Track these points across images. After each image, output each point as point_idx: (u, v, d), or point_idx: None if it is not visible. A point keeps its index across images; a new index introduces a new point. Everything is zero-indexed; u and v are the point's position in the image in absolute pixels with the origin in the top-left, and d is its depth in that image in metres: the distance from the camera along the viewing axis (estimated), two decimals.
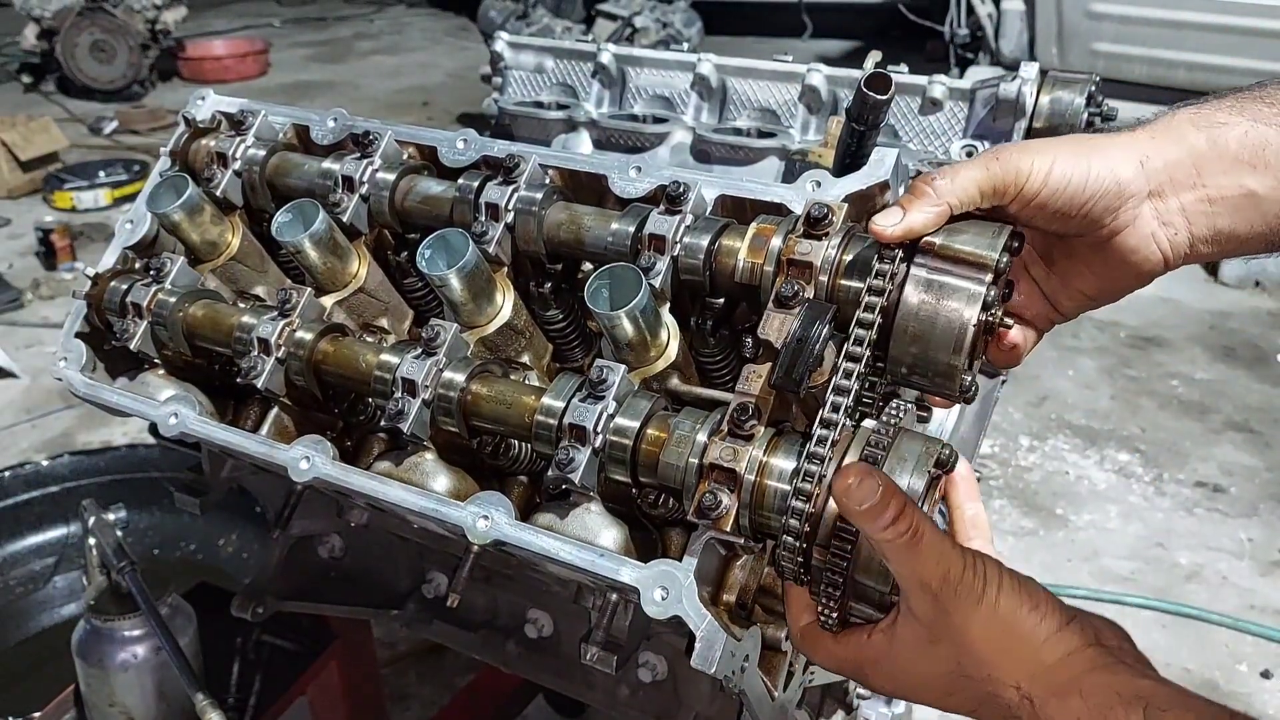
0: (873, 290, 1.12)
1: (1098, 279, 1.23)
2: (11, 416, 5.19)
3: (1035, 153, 1.13)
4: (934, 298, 1.10)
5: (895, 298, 1.12)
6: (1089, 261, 1.22)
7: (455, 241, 1.36)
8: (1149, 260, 1.20)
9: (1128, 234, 1.17)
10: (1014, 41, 7.18)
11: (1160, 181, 1.16)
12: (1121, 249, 1.18)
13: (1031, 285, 1.28)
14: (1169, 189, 1.16)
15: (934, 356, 1.11)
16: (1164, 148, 1.16)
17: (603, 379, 1.22)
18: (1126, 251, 1.19)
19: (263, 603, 2.05)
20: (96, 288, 1.61)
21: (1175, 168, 1.16)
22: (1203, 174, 1.16)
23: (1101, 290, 1.25)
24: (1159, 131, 1.18)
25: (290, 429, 1.51)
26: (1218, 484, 4.61)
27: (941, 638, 1.03)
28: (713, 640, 1.14)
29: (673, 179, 1.33)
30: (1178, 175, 1.16)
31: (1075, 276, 1.25)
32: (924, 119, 2.48)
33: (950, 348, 1.10)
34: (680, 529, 1.34)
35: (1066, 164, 1.12)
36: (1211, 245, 1.20)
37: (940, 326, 1.10)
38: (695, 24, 10.93)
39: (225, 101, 1.74)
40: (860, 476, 1.01)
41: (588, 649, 1.39)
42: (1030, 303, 1.29)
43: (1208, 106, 1.19)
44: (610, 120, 2.77)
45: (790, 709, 1.46)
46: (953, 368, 1.10)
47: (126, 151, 9.03)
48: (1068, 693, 0.97)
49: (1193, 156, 1.16)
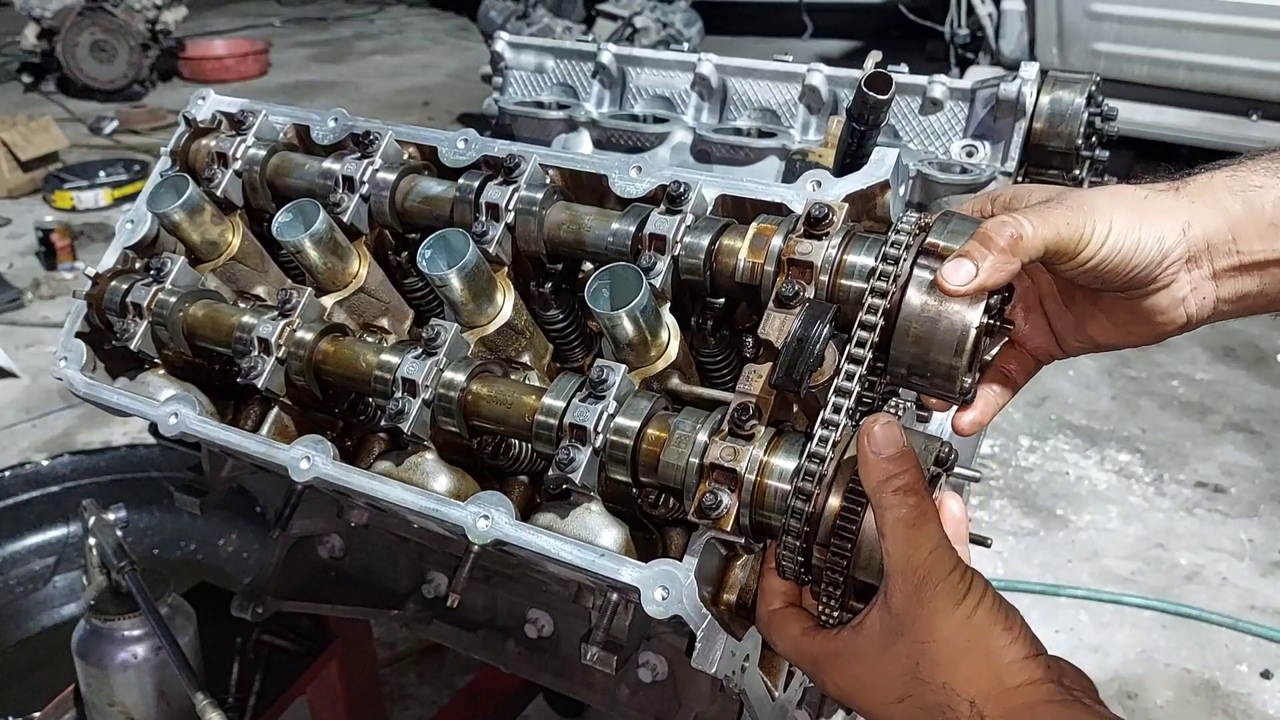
0: (876, 292, 1.12)
1: (1115, 330, 1.23)
2: (11, 416, 5.19)
3: (1097, 216, 1.11)
4: (937, 300, 1.10)
5: (898, 299, 1.11)
6: (1111, 312, 1.22)
7: (456, 241, 1.36)
8: (1173, 321, 1.20)
9: (1159, 296, 1.17)
10: (1014, 41, 7.17)
11: (1198, 250, 1.16)
12: (1148, 308, 1.19)
13: (1041, 319, 1.28)
14: (1205, 256, 1.17)
15: (935, 358, 1.10)
16: (1203, 214, 1.16)
17: (603, 379, 1.22)
18: (1153, 311, 1.19)
19: (262, 602, 2.05)
20: (97, 288, 1.61)
21: (1214, 235, 1.16)
22: (1238, 240, 1.16)
23: (1114, 340, 1.25)
24: (1198, 196, 1.17)
25: (290, 429, 1.51)
26: (1218, 484, 4.61)
27: (906, 632, 1.00)
28: (713, 640, 1.14)
29: (673, 179, 1.33)
30: (1215, 242, 1.16)
31: (1092, 322, 1.24)
32: (924, 119, 2.48)
33: (952, 350, 1.09)
34: (681, 529, 1.34)
35: (1120, 231, 1.11)
36: (1236, 305, 1.20)
37: (942, 328, 1.09)
38: (695, 24, 10.93)
39: (225, 101, 1.74)
40: (885, 424, 1.00)
41: (588, 649, 1.39)
42: (1034, 334, 1.28)
43: (1243, 169, 1.19)
44: (610, 120, 2.77)
45: (790, 709, 1.46)
46: (953, 370, 1.10)
47: (126, 151, 9.03)
48: (1022, 718, 0.95)
49: (1230, 223, 1.16)
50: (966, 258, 1.08)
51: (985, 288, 1.08)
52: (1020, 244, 1.08)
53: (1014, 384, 1.30)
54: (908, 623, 1.00)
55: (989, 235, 1.08)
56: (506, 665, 2.00)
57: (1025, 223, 1.09)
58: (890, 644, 1.02)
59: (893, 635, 1.01)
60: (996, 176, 2.28)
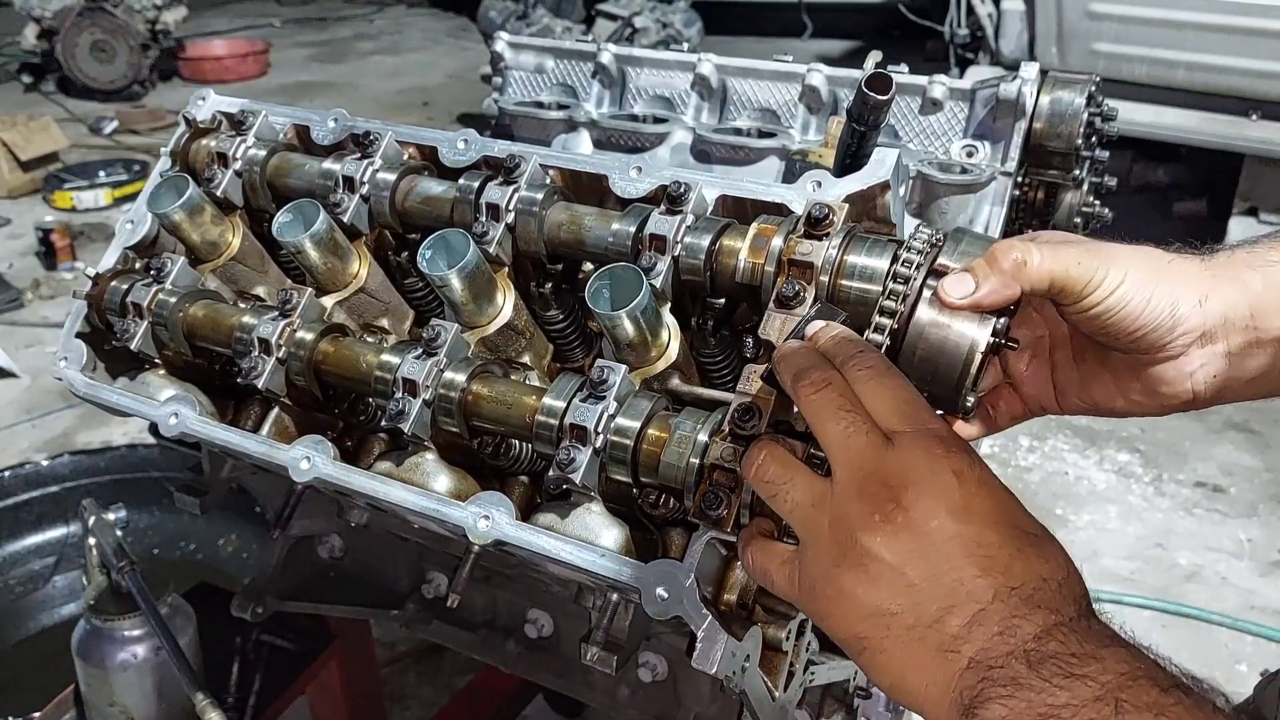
0: (885, 311, 1.12)
1: (1119, 396, 1.22)
2: (12, 416, 5.19)
3: (1113, 264, 1.10)
4: (946, 318, 1.10)
5: (907, 316, 1.12)
6: (1118, 376, 1.21)
7: (456, 242, 1.36)
8: (1178, 396, 1.18)
9: (1166, 366, 1.16)
10: (1014, 41, 7.17)
11: (1214, 325, 1.14)
12: (1155, 377, 1.17)
13: (1044, 367, 1.27)
14: (1220, 333, 1.15)
15: (942, 375, 1.10)
16: (1222, 289, 1.14)
17: (603, 379, 1.23)
18: (1159, 381, 1.17)
19: (262, 602, 2.05)
20: (97, 288, 1.61)
21: (1231, 310, 1.14)
22: (1256, 317, 1.14)
23: (1114, 405, 1.23)
24: (1219, 270, 1.15)
25: (291, 429, 1.51)
26: (1217, 484, 4.62)
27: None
28: (713, 640, 1.14)
29: (673, 179, 1.33)
30: (1232, 318, 1.14)
31: (1096, 383, 1.23)
32: (924, 119, 2.48)
33: (958, 367, 1.10)
34: (681, 529, 1.34)
35: (1133, 284, 1.10)
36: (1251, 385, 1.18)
37: (950, 346, 1.09)
38: (695, 24, 10.92)
39: (225, 102, 1.74)
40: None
41: (588, 649, 1.39)
42: (1034, 382, 1.27)
43: (1262, 245, 1.18)
44: (610, 120, 2.77)
45: (791, 709, 1.46)
46: (958, 388, 1.11)
47: (126, 151, 9.03)
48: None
49: (1249, 299, 1.14)
50: (970, 274, 1.09)
51: (981, 307, 1.08)
52: (1024, 270, 1.08)
53: (993, 424, 1.30)
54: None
55: (995, 256, 1.09)
56: (506, 665, 2.00)
57: (1035, 251, 1.09)
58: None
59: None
60: (996, 177, 2.28)
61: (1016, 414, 1.30)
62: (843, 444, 0.98)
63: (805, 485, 1.00)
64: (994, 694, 0.85)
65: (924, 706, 0.92)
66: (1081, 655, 0.85)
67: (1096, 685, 0.82)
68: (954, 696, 0.88)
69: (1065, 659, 0.85)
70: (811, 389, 1.02)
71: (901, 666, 0.93)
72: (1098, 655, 0.85)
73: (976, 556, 0.91)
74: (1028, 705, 0.83)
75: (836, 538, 0.95)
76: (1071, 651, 0.85)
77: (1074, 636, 0.86)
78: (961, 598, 0.90)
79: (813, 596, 0.99)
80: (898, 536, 0.92)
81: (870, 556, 0.93)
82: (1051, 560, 0.93)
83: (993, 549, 0.91)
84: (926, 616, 0.91)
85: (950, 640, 0.89)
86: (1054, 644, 0.86)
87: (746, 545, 1.08)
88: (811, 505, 0.99)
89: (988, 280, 1.08)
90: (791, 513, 1.01)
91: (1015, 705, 0.83)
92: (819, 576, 0.97)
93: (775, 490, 1.02)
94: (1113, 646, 0.86)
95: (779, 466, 1.03)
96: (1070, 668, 0.84)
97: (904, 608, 0.92)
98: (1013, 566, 0.91)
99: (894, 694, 0.95)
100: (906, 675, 0.92)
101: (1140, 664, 0.85)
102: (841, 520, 0.95)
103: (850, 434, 0.98)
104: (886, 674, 0.94)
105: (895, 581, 0.92)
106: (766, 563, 1.05)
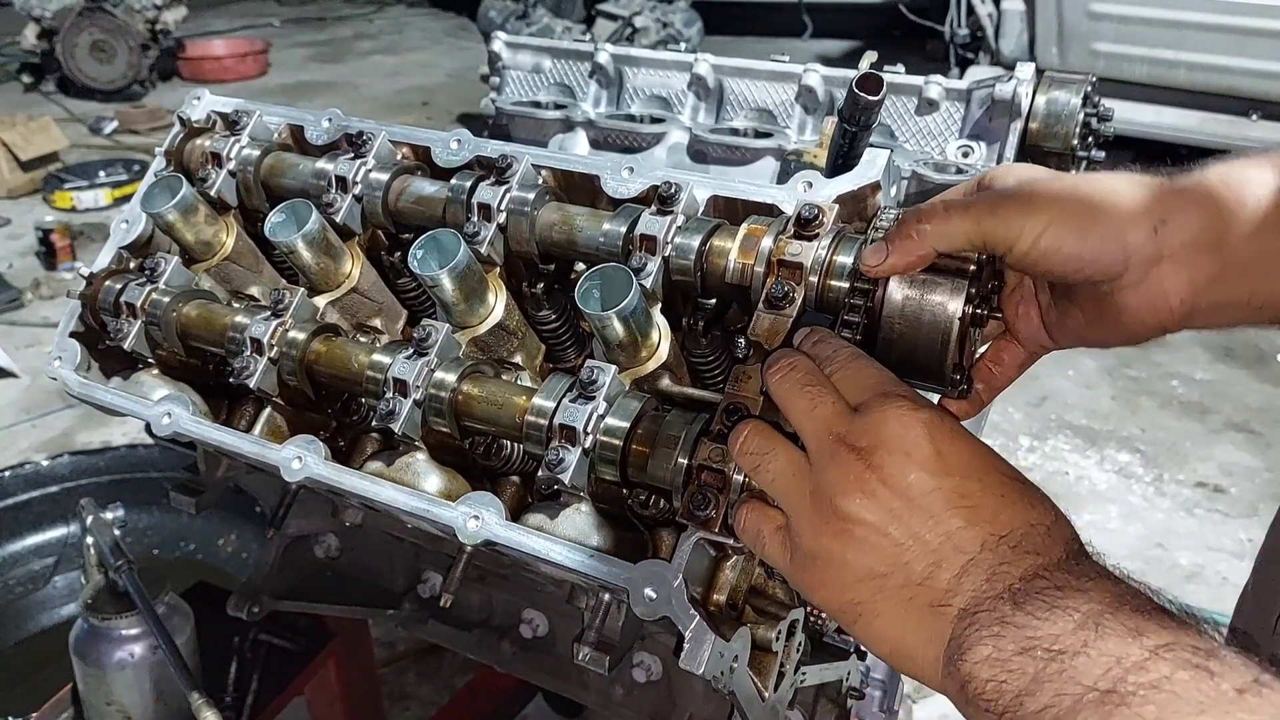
0: (858, 291, 1.14)
1: (1090, 327, 1.20)
2: (12, 416, 5.20)
3: (1031, 214, 1.08)
4: (918, 293, 1.11)
5: (880, 296, 1.13)
6: (1084, 308, 1.19)
7: (447, 242, 1.36)
8: (1144, 324, 1.15)
9: (1128, 294, 1.12)
10: (1014, 42, 7.17)
11: (1174, 247, 1.09)
12: (1118, 307, 1.14)
13: (1032, 308, 1.27)
14: (1183, 255, 1.09)
15: (922, 351, 1.12)
16: (1185, 212, 1.09)
17: (593, 379, 1.23)
18: (1123, 310, 1.14)
19: (258, 602, 2.05)
20: (91, 287, 1.61)
21: (1200, 234, 1.09)
22: (1225, 239, 1.09)
23: (1092, 337, 1.23)
24: (1182, 193, 1.11)
25: (283, 429, 1.51)
26: (1218, 484, 4.61)
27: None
28: (701, 640, 1.14)
29: (664, 179, 1.33)
30: (1200, 241, 1.09)
31: (1069, 317, 1.22)
32: (920, 119, 2.48)
33: (938, 342, 1.11)
34: (670, 530, 1.34)
35: (1059, 231, 1.07)
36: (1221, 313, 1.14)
37: (926, 321, 1.11)
38: (695, 24, 10.94)
39: (220, 101, 1.74)
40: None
41: (580, 649, 1.39)
42: (1026, 324, 1.27)
43: (1237, 164, 1.13)
44: (607, 120, 2.77)
45: (781, 709, 1.46)
46: (940, 359, 1.11)
47: (126, 151, 9.04)
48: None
49: (1216, 223, 1.09)
50: (885, 241, 1.12)
51: (894, 270, 1.11)
52: (935, 232, 1.09)
53: (1005, 376, 1.30)
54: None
55: (907, 222, 1.11)
56: (502, 665, 2.01)
57: (947, 214, 1.10)
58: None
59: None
60: None
61: (1020, 360, 1.30)
62: (809, 414, 1.00)
63: (786, 456, 1.02)
64: (980, 636, 0.84)
65: (923, 670, 0.92)
66: (1066, 588, 0.84)
67: (1079, 614, 0.81)
68: (947, 652, 0.88)
69: (1049, 593, 0.84)
70: (778, 372, 1.05)
71: (899, 630, 0.92)
72: (1082, 588, 0.84)
73: (960, 508, 0.91)
74: (1011, 641, 0.82)
75: (818, 507, 0.96)
76: (1057, 585, 0.85)
77: (1060, 573, 0.86)
78: (949, 551, 0.90)
79: (803, 567, 0.99)
80: (875, 497, 0.93)
81: (853, 520, 0.93)
82: (1038, 506, 0.93)
83: (975, 498, 0.91)
84: (916, 575, 0.90)
85: (941, 594, 0.89)
86: (1040, 581, 0.86)
87: (741, 505, 1.09)
88: (793, 475, 1.00)
89: (897, 246, 1.10)
90: (774, 483, 1.02)
91: (1000, 644, 0.83)
92: (806, 546, 0.98)
93: (758, 462, 1.03)
94: (1100, 579, 0.86)
95: (761, 438, 1.04)
96: (1054, 600, 0.83)
97: (893, 568, 0.91)
98: (999, 515, 0.91)
99: (894, 661, 0.94)
100: (905, 638, 0.92)
101: (1127, 592, 0.84)
102: (820, 489, 0.96)
103: (816, 405, 1.00)
104: (885, 640, 0.94)
105: (880, 543, 0.92)
106: (760, 524, 1.05)
